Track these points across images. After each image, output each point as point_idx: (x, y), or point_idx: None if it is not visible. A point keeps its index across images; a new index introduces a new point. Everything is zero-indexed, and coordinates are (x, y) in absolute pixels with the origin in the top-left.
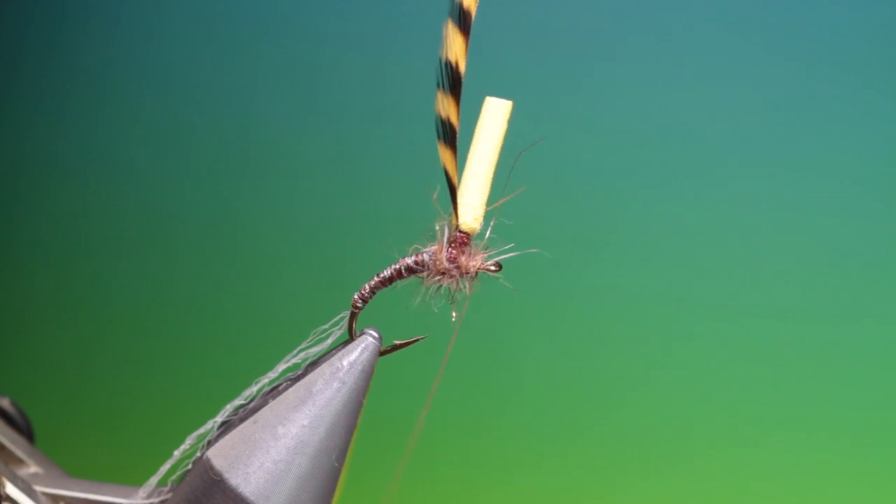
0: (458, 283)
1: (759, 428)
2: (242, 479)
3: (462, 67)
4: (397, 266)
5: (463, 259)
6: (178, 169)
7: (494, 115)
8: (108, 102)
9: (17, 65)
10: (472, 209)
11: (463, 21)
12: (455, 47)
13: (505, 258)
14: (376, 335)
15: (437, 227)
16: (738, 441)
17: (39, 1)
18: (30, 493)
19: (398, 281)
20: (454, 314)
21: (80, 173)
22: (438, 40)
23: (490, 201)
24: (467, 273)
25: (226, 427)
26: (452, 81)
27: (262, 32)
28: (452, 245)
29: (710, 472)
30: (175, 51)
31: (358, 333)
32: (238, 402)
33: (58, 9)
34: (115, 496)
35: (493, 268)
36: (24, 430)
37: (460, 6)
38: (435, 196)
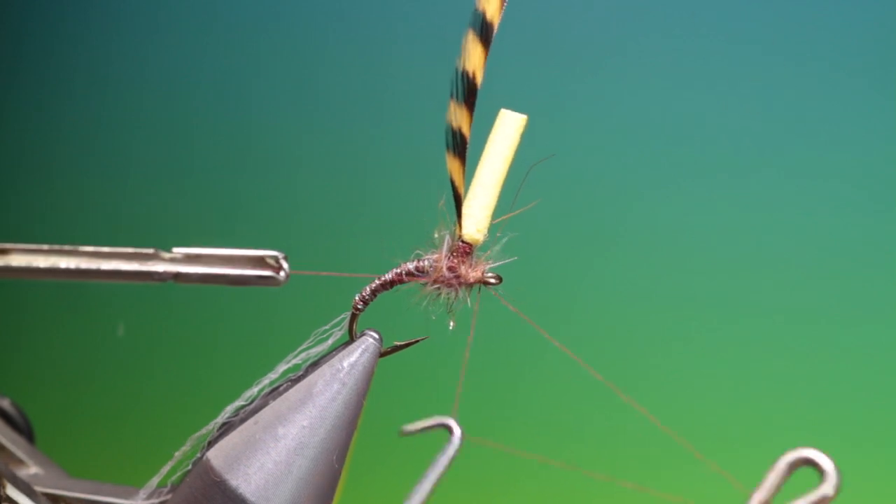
0: (457, 292)
1: (759, 428)
2: (243, 480)
3: (479, 79)
4: (398, 270)
5: (463, 269)
6: (178, 168)
7: (508, 128)
8: (108, 102)
9: (18, 65)
10: (476, 220)
11: (484, 33)
12: (474, 58)
13: (506, 270)
14: (377, 336)
15: (440, 236)
16: (739, 441)
17: (40, 1)
18: (30, 493)
19: (399, 285)
20: (451, 324)
21: (80, 172)
22: (445, 46)
23: (497, 214)
24: (467, 284)
25: (226, 428)
26: (468, 92)
27: (264, 36)
28: (454, 255)
29: (709, 472)
30: (176, 53)
31: (358, 335)
32: (239, 403)
33: (58, 9)
34: (116, 497)
35: (493, 280)
36: (24, 430)
37: (483, 17)
38: (441, 203)
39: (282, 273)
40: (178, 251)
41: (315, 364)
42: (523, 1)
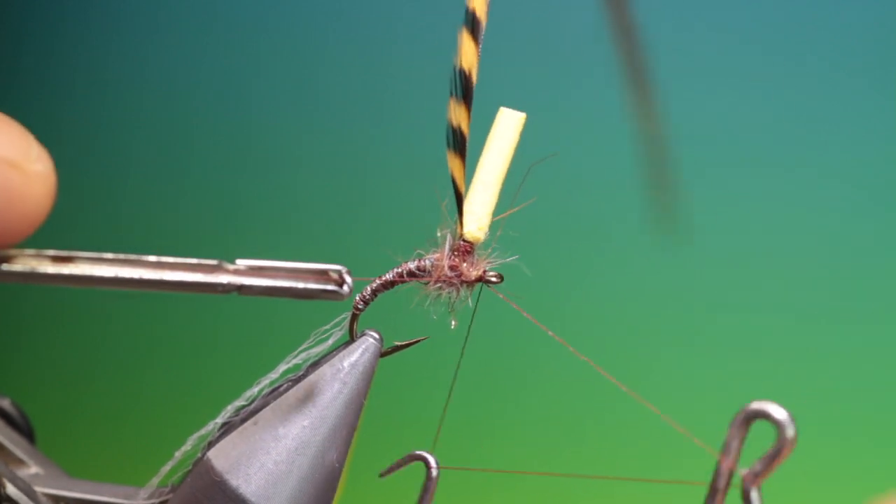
0: (458, 291)
1: (759, 426)
2: (243, 480)
3: (475, 76)
4: (399, 270)
5: (464, 268)
6: (178, 167)
7: (507, 127)
8: (108, 102)
9: (18, 65)
10: (476, 219)
11: (475, 29)
12: (468, 55)
13: (508, 270)
14: (377, 336)
15: (440, 235)
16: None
17: (40, 1)
18: (30, 493)
19: (400, 284)
20: (453, 323)
21: (79, 172)
22: (446, 44)
23: (497, 212)
24: (468, 282)
25: (227, 428)
26: (465, 90)
27: (264, 36)
28: (455, 253)
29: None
30: (176, 53)
31: (359, 335)
32: (239, 402)
33: (58, 9)
34: (116, 497)
35: (494, 279)
36: (24, 430)
37: (473, 14)
38: (444, 204)
39: (345, 287)
40: (242, 263)
41: (315, 364)
42: (524, 0)
